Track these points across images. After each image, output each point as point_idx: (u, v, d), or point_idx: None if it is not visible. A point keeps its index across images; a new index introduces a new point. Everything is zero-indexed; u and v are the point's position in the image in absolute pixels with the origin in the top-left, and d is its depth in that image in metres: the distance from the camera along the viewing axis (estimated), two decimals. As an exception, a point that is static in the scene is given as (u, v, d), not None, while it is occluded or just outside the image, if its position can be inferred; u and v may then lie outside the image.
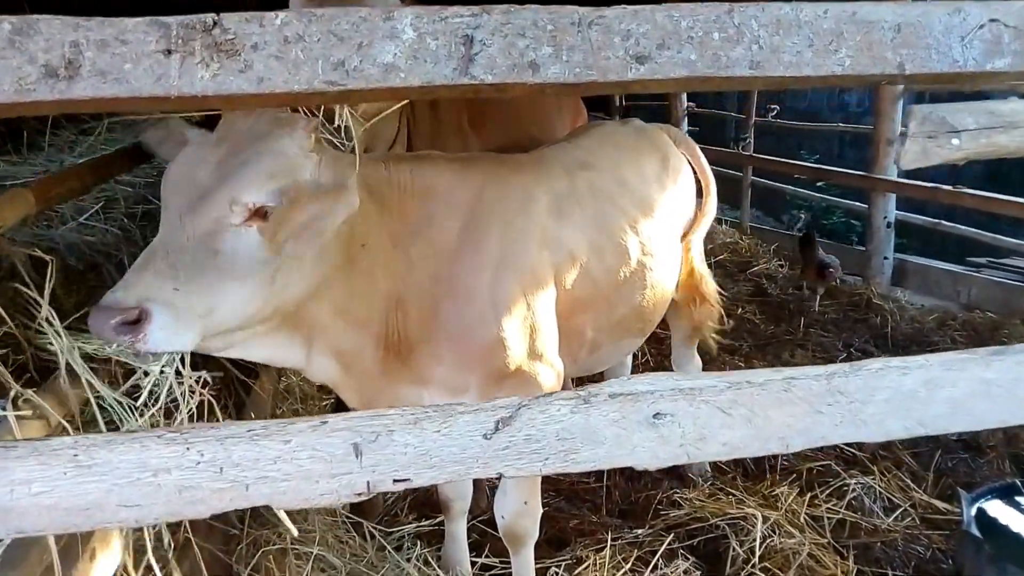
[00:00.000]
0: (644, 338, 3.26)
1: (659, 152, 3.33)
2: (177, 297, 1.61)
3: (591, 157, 2.95)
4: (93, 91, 1.12)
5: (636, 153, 3.21)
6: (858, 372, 1.47)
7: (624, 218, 2.85)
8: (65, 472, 1.18)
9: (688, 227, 3.49)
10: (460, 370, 2.30)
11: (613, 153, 3.10)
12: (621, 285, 2.81)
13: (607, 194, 2.85)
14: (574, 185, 2.72)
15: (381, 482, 1.31)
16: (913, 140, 1.49)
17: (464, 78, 1.22)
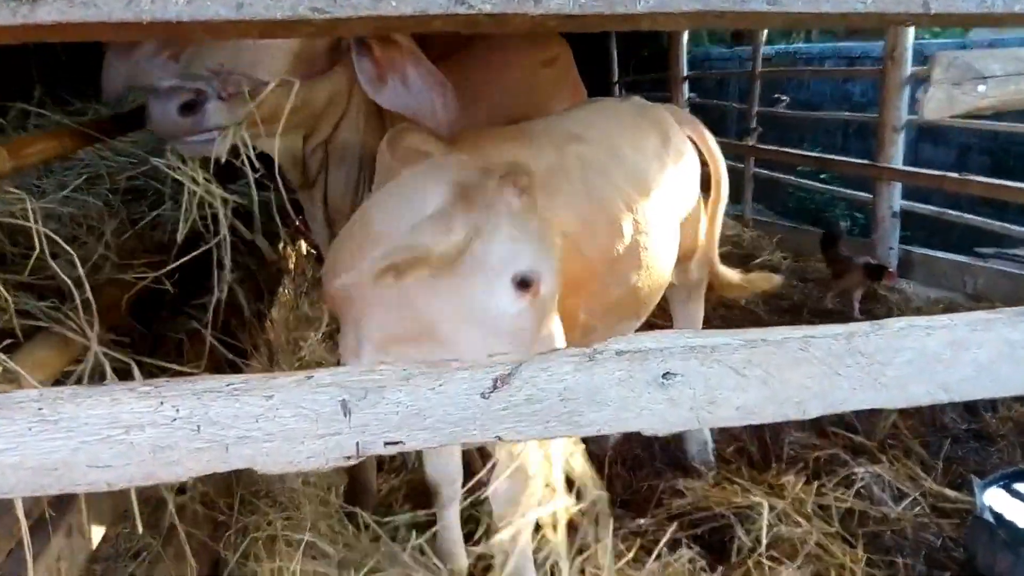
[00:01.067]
0: (640, 323, 3.16)
1: (659, 130, 3.22)
2: None
3: (583, 130, 2.84)
4: (58, 15, 1.03)
5: (634, 129, 3.10)
6: (879, 331, 1.39)
7: (618, 194, 2.74)
8: (30, 427, 1.09)
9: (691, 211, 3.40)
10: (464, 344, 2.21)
11: (608, 127, 2.99)
12: (614, 264, 2.70)
13: (599, 168, 2.74)
14: (563, 158, 2.61)
15: (371, 444, 1.23)
16: (937, 87, 1.40)
17: (460, 7, 1.13)
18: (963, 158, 8.69)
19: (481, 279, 1.82)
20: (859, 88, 9.90)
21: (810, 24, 1.43)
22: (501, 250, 1.81)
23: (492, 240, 1.80)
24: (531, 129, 2.76)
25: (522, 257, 1.81)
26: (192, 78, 2.03)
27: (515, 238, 1.82)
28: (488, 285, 1.82)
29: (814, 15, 1.29)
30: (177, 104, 1.99)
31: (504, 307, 1.81)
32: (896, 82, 6.32)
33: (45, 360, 1.63)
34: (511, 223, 1.82)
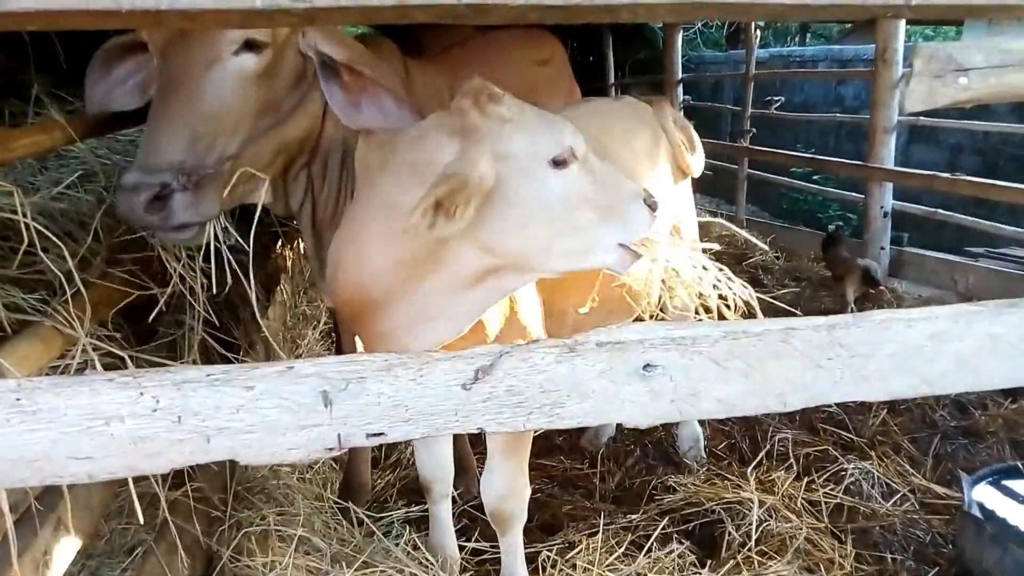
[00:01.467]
0: (632, 317, 3.16)
1: (650, 128, 3.23)
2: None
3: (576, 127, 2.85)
4: (36, 3, 1.03)
5: (625, 127, 3.11)
6: (860, 323, 1.39)
7: None
8: (8, 418, 1.09)
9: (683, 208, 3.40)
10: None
11: (600, 126, 3.00)
12: None
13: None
14: None
15: (353, 436, 1.23)
16: (919, 79, 1.41)
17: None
18: (954, 159, 8.73)
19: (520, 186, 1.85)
20: (851, 91, 9.94)
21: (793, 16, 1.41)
22: (524, 152, 1.85)
23: (511, 152, 1.84)
24: None
25: (542, 142, 1.86)
26: (154, 172, 2.02)
27: (527, 133, 1.86)
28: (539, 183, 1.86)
29: (797, 7, 1.30)
30: (143, 201, 2.00)
31: (562, 186, 1.86)
32: (887, 83, 6.34)
33: (31, 353, 1.63)
34: (513, 125, 1.86)
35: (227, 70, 2.14)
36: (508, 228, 1.88)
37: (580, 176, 1.90)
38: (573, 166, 1.88)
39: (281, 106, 2.29)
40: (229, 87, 2.15)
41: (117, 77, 2.37)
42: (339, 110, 2.24)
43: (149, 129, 2.11)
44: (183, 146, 2.06)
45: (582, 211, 1.89)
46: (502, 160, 1.84)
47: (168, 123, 2.07)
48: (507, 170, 1.84)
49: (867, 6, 1.32)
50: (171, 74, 2.11)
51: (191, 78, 2.10)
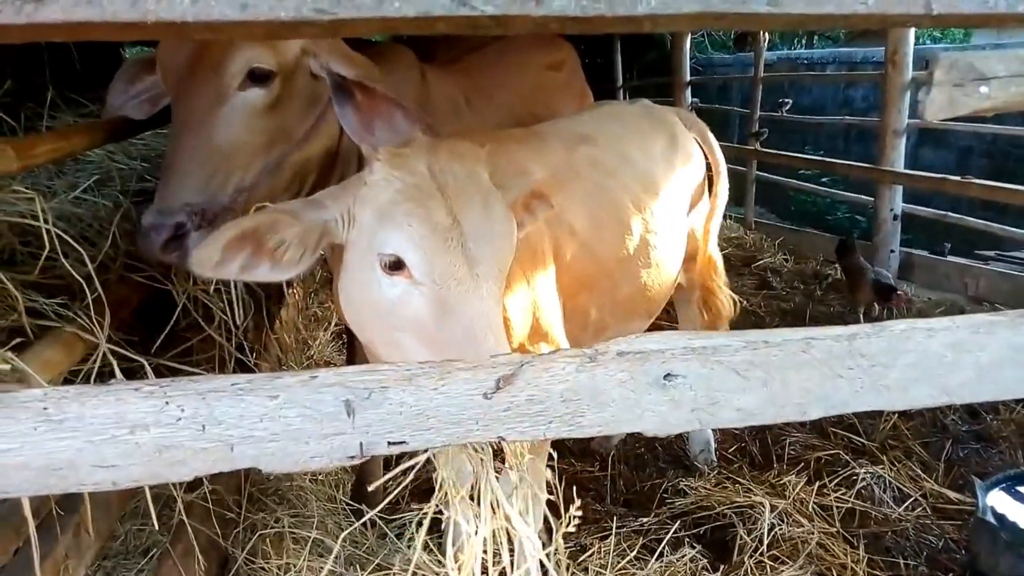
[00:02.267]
0: (650, 321, 3.18)
1: (667, 131, 3.24)
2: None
3: (592, 132, 2.86)
4: (64, 14, 1.04)
5: (641, 130, 3.12)
6: (881, 333, 1.39)
7: (626, 194, 2.77)
8: (35, 427, 1.10)
9: (699, 211, 3.41)
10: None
11: (616, 129, 3.02)
12: (624, 262, 2.72)
13: (608, 168, 2.76)
14: (572, 159, 2.63)
15: (375, 444, 1.23)
16: (939, 89, 1.41)
17: (463, 8, 1.14)
18: (964, 161, 8.70)
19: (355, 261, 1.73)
20: (861, 93, 9.91)
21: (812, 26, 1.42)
22: (362, 232, 1.71)
23: (358, 223, 1.72)
24: (542, 131, 2.78)
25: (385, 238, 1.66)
26: (169, 214, 2.04)
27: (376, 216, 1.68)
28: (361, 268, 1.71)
29: (816, 16, 1.30)
30: (160, 242, 2.02)
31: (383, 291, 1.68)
32: (897, 86, 6.32)
33: (53, 359, 1.64)
34: (370, 202, 1.70)
35: (234, 106, 2.13)
36: (348, 302, 1.79)
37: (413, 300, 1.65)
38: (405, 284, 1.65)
39: (295, 132, 2.28)
40: (238, 123, 2.14)
41: (135, 91, 2.42)
42: (351, 131, 2.22)
43: (164, 169, 2.12)
44: (196, 186, 2.07)
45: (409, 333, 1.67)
46: (355, 227, 1.73)
47: (181, 163, 2.07)
48: (354, 240, 1.73)
49: (887, 15, 1.31)
50: (181, 112, 2.13)
51: (199, 117, 2.10)
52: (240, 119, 2.14)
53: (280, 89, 2.20)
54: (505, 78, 3.37)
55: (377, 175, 1.71)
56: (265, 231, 1.63)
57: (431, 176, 1.71)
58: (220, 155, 2.10)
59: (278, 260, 1.66)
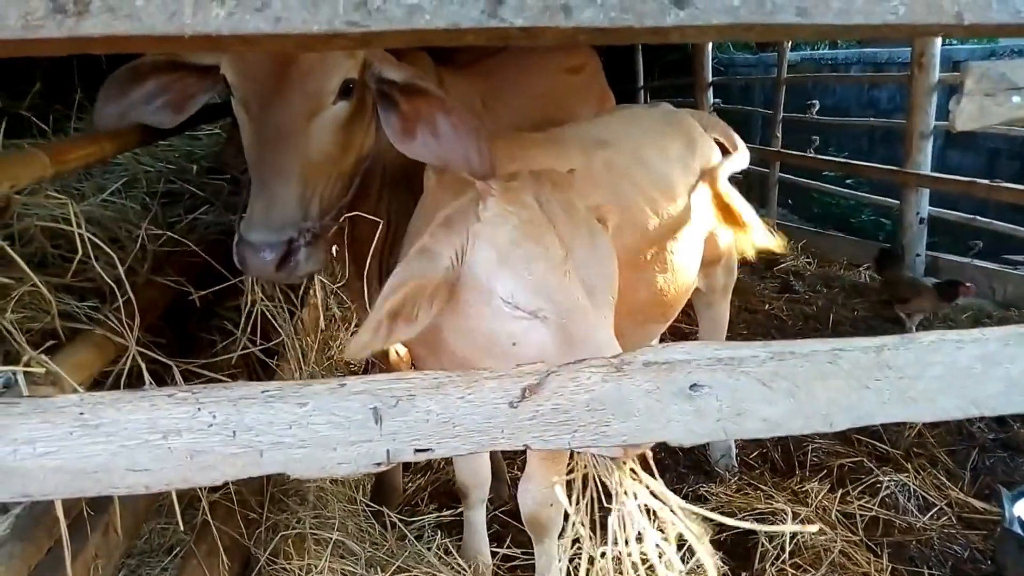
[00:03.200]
0: (666, 325, 3.17)
1: (685, 135, 3.22)
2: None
3: (609, 135, 2.85)
4: (103, 28, 1.06)
5: (659, 134, 3.11)
6: (909, 345, 1.38)
7: (644, 198, 2.76)
8: (71, 432, 1.12)
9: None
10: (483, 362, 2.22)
11: (633, 133, 3.00)
12: (641, 267, 2.71)
13: (624, 172, 2.75)
14: (590, 163, 2.63)
15: (401, 451, 1.25)
16: (970, 98, 1.39)
17: (492, 20, 1.15)
18: (992, 163, 8.57)
19: (470, 296, 1.74)
20: (886, 94, 9.80)
21: (840, 36, 1.42)
22: (484, 270, 1.72)
23: (474, 261, 1.73)
24: (560, 135, 2.78)
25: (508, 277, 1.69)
26: (279, 230, 2.04)
27: (495, 256, 1.71)
28: (477, 303, 1.73)
29: (845, 27, 1.29)
30: (275, 260, 2.02)
31: (504, 326, 1.70)
32: (924, 88, 6.25)
33: (85, 361, 1.67)
34: (487, 240, 1.72)
35: (326, 120, 2.13)
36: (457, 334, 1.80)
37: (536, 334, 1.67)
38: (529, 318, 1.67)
39: (363, 141, 2.30)
40: (330, 136, 2.14)
41: (141, 95, 2.34)
42: (394, 136, 2.21)
43: (260, 183, 2.08)
44: (299, 201, 2.07)
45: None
46: (468, 263, 1.74)
47: (280, 178, 2.05)
48: (468, 276, 1.74)
49: (917, 25, 1.31)
50: (271, 127, 2.08)
51: (292, 131, 2.08)
52: (331, 132, 2.15)
53: (356, 100, 2.22)
54: (523, 81, 3.37)
55: (492, 211, 1.74)
56: (407, 303, 1.68)
57: (540, 208, 1.75)
58: (316, 168, 2.10)
59: (413, 320, 1.71)
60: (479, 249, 1.74)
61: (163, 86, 2.33)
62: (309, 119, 2.09)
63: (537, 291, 1.66)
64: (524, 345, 1.68)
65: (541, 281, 1.67)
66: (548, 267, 1.67)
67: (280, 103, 2.06)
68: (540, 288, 1.66)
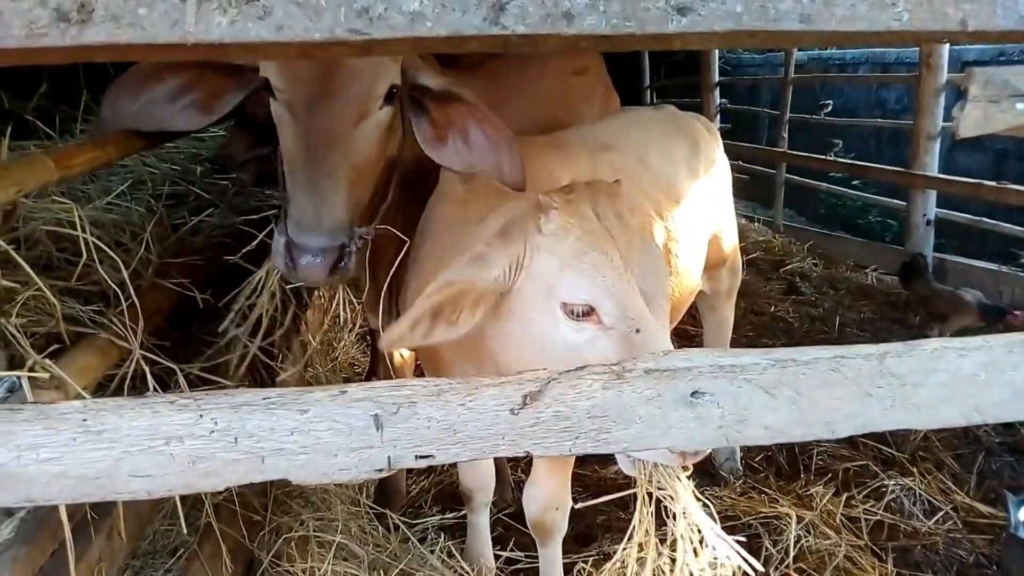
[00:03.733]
0: (671, 328, 3.16)
1: (689, 138, 3.22)
2: None
3: (614, 139, 2.86)
4: (106, 36, 1.07)
5: (664, 137, 3.11)
6: (912, 352, 1.38)
7: (648, 202, 2.75)
8: (74, 438, 1.13)
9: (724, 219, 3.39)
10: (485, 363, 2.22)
11: (638, 136, 3.01)
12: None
13: (630, 176, 2.75)
14: (596, 167, 2.63)
15: (402, 458, 1.25)
16: (974, 105, 1.39)
17: (494, 28, 1.15)
18: (999, 165, 8.52)
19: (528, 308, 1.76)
20: (894, 94, 9.75)
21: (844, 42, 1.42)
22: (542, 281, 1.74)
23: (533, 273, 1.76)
24: (564, 139, 2.78)
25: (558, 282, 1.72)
26: (332, 234, 2.04)
27: (560, 266, 1.73)
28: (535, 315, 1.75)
29: (848, 33, 1.29)
30: (328, 264, 2.02)
31: (566, 337, 1.72)
32: (931, 89, 6.22)
33: (89, 365, 1.68)
34: (550, 251, 1.75)
35: (371, 126, 2.13)
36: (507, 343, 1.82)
37: (600, 344, 1.69)
38: (593, 329, 1.70)
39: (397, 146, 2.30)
40: (375, 141, 2.14)
41: (163, 92, 2.27)
42: (423, 142, 2.20)
43: (306, 186, 2.06)
44: (348, 205, 2.08)
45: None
46: (527, 274, 1.77)
47: (329, 182, 2.04)
48: (528, 287, 1.77)
49: (921, 32, 1.30)
50: (318, 130, 2.07)
51: (338, 136, 2.07)
52: (376, 137, 2.15)
53: (396, 105, 2.22)
54: (528, 84, 3.37)
55: (554, 223, 1.76)
56: (448, 303, 1.70)
57: (599, 219, 1.78)
58: (360, 173, 2.11)
59: (454, 323, 1.73)
60: (539, 259, 1.77)
61: (187, 84, 2.25)
62: (356, 123, 2.09)
63: (608, 296, 1.70)
64: (587, 354, 1.68)
65: (612, 288, 1.70)
66: (616, 275, 1.71)
67: (328, 107, 2.05)
68: (610, 295, 1.70)
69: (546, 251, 1.75)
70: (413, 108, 2.23)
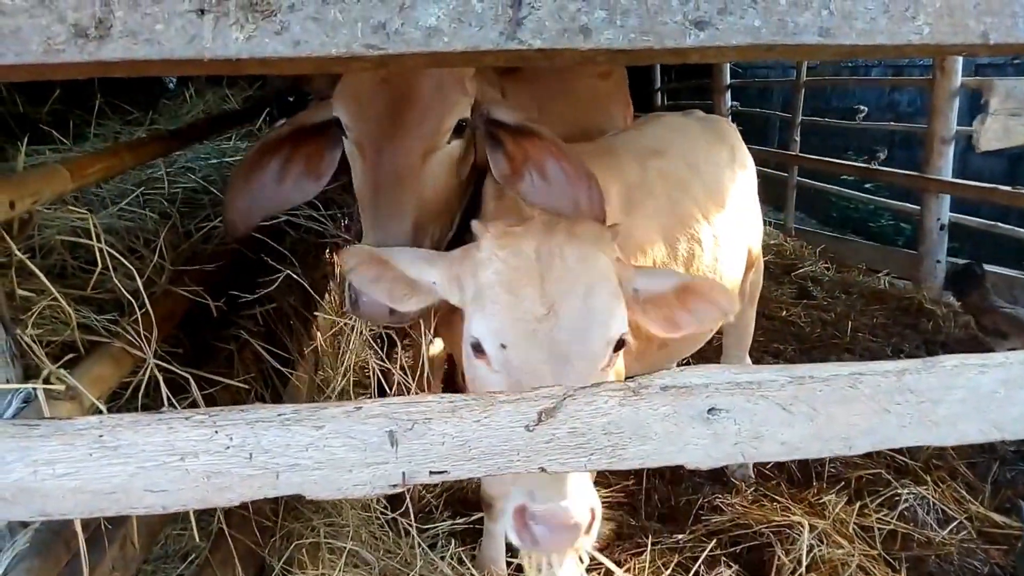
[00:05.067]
0: (709, 336, 3.15)
1: (728, 143, 3.25)
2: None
3: (661, 145, 2.86)
4: (124, 52, 1.07)
5: (706, 142, 3.12)
6: (931, 369, 1.37)
7: (697, 207, 2.75)
8: (90, 453, 1.13)
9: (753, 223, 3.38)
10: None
11: (684, 141, 3.01)
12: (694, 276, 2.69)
13: (679, 182, 2.74)
14: (645, 174, 2.62)
15: (417, 474, 1.25)
16: (994, 118, 1.37)
17: (511, 43, 1.14)
18: (1014, 169, 8.46)
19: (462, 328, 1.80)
20: (906, 97, 9.69)
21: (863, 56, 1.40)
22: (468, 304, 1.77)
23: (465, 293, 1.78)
24: (611, 145, 2.78)
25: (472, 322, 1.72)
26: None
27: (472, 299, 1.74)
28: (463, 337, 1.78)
29: (867, 47, 1.27)
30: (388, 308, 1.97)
31: (470, 362, 1.76)
32: (945, 92, 6.17)
33: (103, 375, 1.68)
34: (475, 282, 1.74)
35: (441, 159, 2.12)
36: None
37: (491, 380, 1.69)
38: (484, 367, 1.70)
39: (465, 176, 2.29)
40: (444, 174, 2.13)
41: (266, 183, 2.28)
42: (500, 176, 2.17)
43: (375, 224, 2.06)
44: (412, 242, 2.05)
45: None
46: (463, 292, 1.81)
47: (395, 220, 2.03)
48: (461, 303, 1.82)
49: (942, 46, 1.29)
50: (387, 166, 2.06)
51: (410, 171, 2.06)
52: (444, 171, 2.14)
53: (467, 138, 2.21)
54: (565, 87, 3.39)
55: (484, 252, 1.74)
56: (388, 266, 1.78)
57: (536, 259, 1.70)
58: (428, 208, 2.10)
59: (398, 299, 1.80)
60: (468, 283, 1.77)
61: (286, 160, 2.28)
62: (425, 158, 2.08)
63: (491, 340, 1.66)
64: (482, 386, 1.71)
65: (498, 333, 1.65)
66: (513, 320, 1.64)
67: (397, 143, 2.04)
68: (495, 338, 1.66)
69: (472, 276, 1.74)
70: (489, 142, 2.19)
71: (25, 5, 1.05)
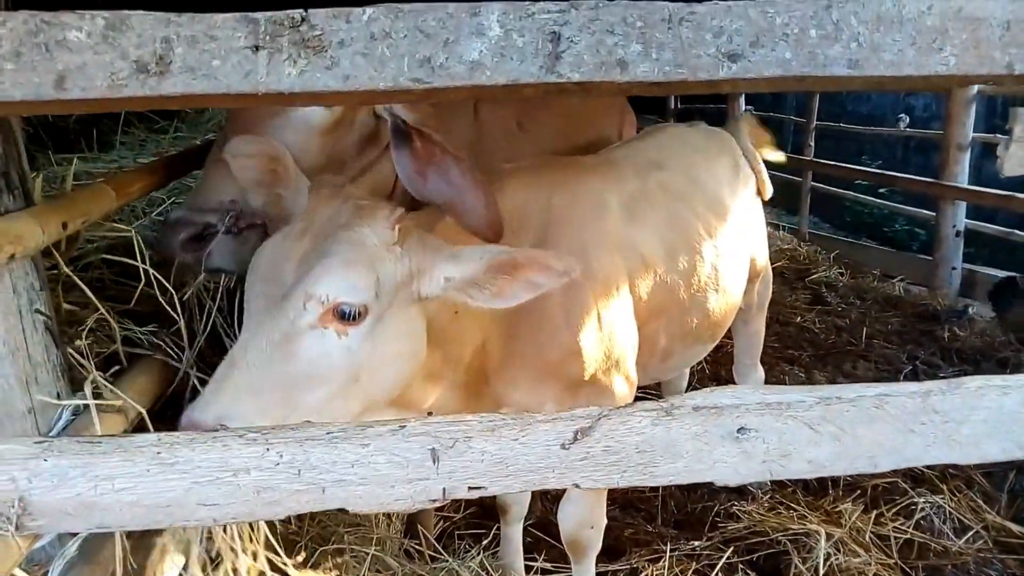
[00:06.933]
0: (713, 345, 3.18)
1: (730, 155, 3.26)
2: (256, 412, 1.49)
3: (662, 157, 2.88)
4: (183, 87, 1.12)
5: (707, 155, 3.14)
6: (956, 390, 1.40)
7: (698, 220, 2.78)
8: (148, 469, 1.18)
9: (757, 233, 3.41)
10: (535, 390, 2.22)
11: (685, 153, 3.03)
12: (695, 289, 2.72)
13: (680, 194, 2.77)
14: (646, 186, 2.65)
15: (456, 489, 1.29)
16: (1019, 144, 1.40)
17: (551, 76, 1.19)
18: (1031, 174, 8.42)
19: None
20: (921, 102, 9.68)
21: (891, 87, 1.44)
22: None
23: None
24: (612, 158, 2.81)
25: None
26: (200, 211, 1.99)
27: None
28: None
29: (895, 78, 1.31)
30: (181, 239, 1.95)
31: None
32: (962, 99, 6.18)
33: (146, 386, 1.74)
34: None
35: (290, 119, 2.10)
36: None
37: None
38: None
39: (349, 164, 2.28)
40: (291, 136, 2.11)
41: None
42: (405, 178, 2.13)
43: (205, 170, 2.09)
44: (237, 185, 2.00)
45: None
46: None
47: (223, 163, 1.98)
48: None
49: (968, 76, 1.33)
50: (237, 123, 2.10)
51: (256, 124, 2.07)
52: (293, 133, 2.11)
53: (340, 115, 2.18)
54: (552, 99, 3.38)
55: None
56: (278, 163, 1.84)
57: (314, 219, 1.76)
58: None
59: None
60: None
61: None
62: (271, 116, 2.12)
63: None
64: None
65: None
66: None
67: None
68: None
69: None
70: (396, 140, 2.12)
71: (90, 43, 1.11)
